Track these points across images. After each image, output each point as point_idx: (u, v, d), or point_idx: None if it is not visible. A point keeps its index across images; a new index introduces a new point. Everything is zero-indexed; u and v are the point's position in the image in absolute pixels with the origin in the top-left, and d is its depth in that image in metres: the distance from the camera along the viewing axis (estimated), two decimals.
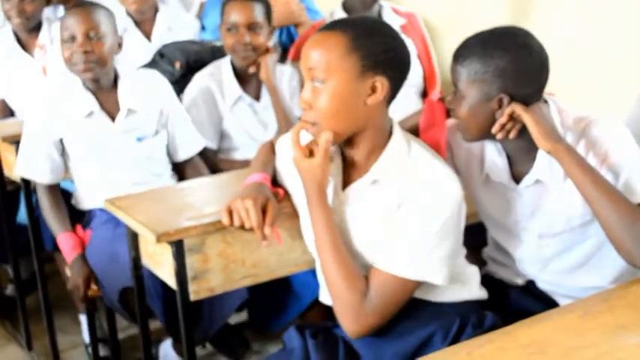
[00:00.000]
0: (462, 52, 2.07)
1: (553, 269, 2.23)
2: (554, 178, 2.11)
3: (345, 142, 2.02)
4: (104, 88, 2.88)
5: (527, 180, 2.16)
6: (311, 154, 2.02)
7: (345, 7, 3.42)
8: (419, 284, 2.00)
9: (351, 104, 1.95)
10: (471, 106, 2.07)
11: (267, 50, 3.15)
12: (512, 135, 2.07)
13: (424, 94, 3.52)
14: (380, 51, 1.95)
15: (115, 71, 2.91)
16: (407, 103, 3.14)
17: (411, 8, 3.68)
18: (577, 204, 2.09)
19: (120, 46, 2.89)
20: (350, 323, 1.98)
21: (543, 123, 2.03)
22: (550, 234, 2.19)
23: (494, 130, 2.08)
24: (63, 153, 2.93)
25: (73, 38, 2.78)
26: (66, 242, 2.89)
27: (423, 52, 3.55)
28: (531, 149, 2.11)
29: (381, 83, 1.95)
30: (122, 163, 2.90)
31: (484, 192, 2.27)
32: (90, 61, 2.77)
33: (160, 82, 3.01)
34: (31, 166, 2.93)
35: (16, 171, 3.00)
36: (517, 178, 2.19)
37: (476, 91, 2.05)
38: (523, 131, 2.08)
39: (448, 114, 2.40)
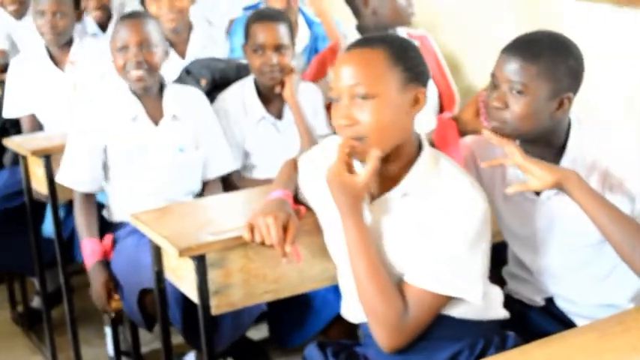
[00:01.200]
0: (530, 49, 2.07)
1: (571, 283, 2.24)
2: None
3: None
4: (151, 96, 2.97)
5: (548, 191, 2.18)
6: (348, 169, 2.02)
7: (360, 29, 3.44)
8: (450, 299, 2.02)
9: (398, 116, 1.99)
10: (534, 104, 2.07)
11: (290, 70, 3.18)
12: None
13: (441, 113, 3.55)
14: (417, 64, 2.02)
15: (160, 79, 3.00)
16: (426, 121, 3.17)
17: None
18: None
19: (167, 54, 3.00)
20: (387, 339, 1.99)
21: (538, 160, 2.06)
22: (568, 247, 2.20)
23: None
24: (104, 165, 2.99)
25: (126, 48, 2.88)
26: (88, 247, 2.95)
27: (438, 73, 3.57)
28: (553, 160, 2.13)
29: (422, 94, 2.01)
30: (162, 173, 2.95)
31: (505, 204, 2.29)
32: (142, 69, 2.88)
33: (201, 100, 3.11)
34: (73, 175, 2.99)
35: (57, 178, 3.05)
36: (537, 190, 2.20)
37: (544, 88, 2.06)
38: (543, 142, 2.10)
39: (461, 132, 2.42)
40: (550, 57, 2.06)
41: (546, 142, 2.14)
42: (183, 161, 2.99)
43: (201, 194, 3.07)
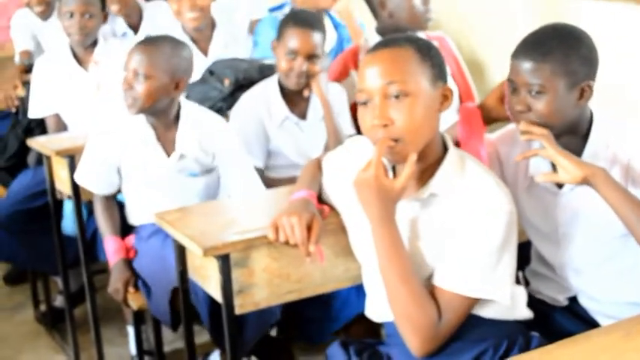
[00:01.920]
0: (539, 49, 2.08)
1: (593, 278, 2.24)
2: None
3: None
4: (164, 124, 2.93)
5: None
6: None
7: (379, 31, 3.45)
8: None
9: (430, 115, 1.99)
10: (556, 100, 2.08)
11: (319, 70, 3.19)
12: None
13: None
14: (440, 61, 2.03)
15: (178, 107, 2.94)
16: (448, 120, 3.18)
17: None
18: None
19: (178, 87, 2.86)
20: (421, 345, 1.97)
21: (569, 153, 2.06)
22: (591, 240, 2.21)
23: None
24: (119, 175, 3.01)
25: (125, 72, 2.85)
26: (111, 245, 2.98)
27: (457, 72, 3.58)
28: (577, 152, 2.13)
29: (450, 91, 2.02)
30: (173, 196, 2.94)
31: (527, 198, 2.30)
32: (128, 98, 2.83)
33: (219, 129, 3.00)
34: (89, 177, 3.02)
35: (75, 177, 3.08)
36: (560, 183, 2.21)
37: (562, 83, 2.07)
38: (568, 132, 2.11)
39: (485, 120, 2.42)
40: (561, 51, 2.07)
41: (571, 132, 2.14)
42: (195, 184, 2.98)
43: None
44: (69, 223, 3.44)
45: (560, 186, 2.22)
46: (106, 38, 3.74)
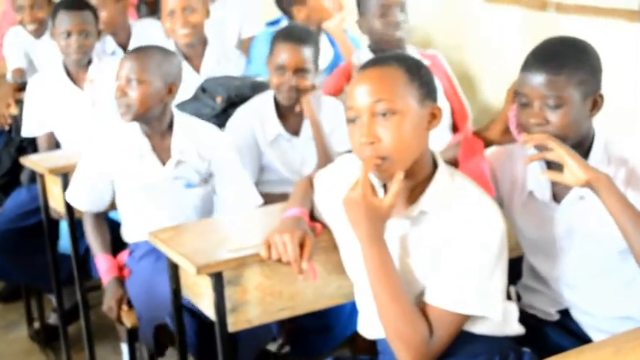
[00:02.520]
0: (553, 61, 2.09)
1: (586, 293, 2.25)
2: None
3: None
4: (159, 131, 2.94)
5: (571, 196, 2.19)
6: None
7: (372, 48, 3.48)
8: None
9: (418, 133, 2.01)
10: (572, 112, 2.09)
11: (312, 87, 3.19)
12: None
13: (453, 129, 3.57)
14: (430, 80, 2.05)
15: (171, 115, 2.97)
16: (440, 137, 3.19)
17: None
18: (616, 229, 2.08)
19: (171, 91, 2.91)
20: None
21: (577, 155, 2.07)
22: (586, 255, 2.21)
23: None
24: (112, 189, 3.02)
25: (117, 81, 2.87)
26: (103, 264, 2.99)
27: (450, 89, 3.60)
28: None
29: (438, 110, 2.03)
30: (169, 208, 2.95)
31: (524, 212, 2.31)
32: (122, 105, 2.85)
33: (213, 137, 3.03)
34: (79, 195, 3.03)
35: (65, 195, 3.09)
36: (557, 196, 2.23)
37: (576, 94, 2.09)
38: (575, 144, 2.12)
39: (486, 144, 2.43)
40: (574, 63, 2.09)
41: (578, 144, 2.14)
42: (190, 196, 2.98)
43: None
44: (66, 241, 3.44)
45: (558, 201, 2.23)
46: (100, 57, 3.75)
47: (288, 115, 3.24)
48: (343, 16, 4.05)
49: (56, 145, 3.72)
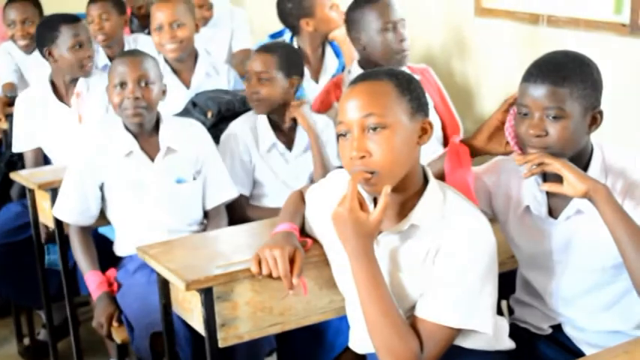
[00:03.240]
0: (557, 73, 2.09)
1: (581, 307, 2.25)
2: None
3: None
4: (146, 132, 2.99)
5: (568, 210, 2.19)
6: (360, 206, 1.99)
7: (361, 64, 3.48)
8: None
9: (408, 147, 2.00)
10: (572, 125, 2.09)
11: (301, 102, 3.21)
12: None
13: (444, 143, 3.57)
14: (421, 95, 2.04)
15: (157, 115, 3.03)
16: (431, 151, 3.18)
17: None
18: (612, 242, 2.08)
19: (164, 92, 3.03)
20: None
21: (574, 166, 2.06)
22: (582, 269, 2.21)
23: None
24: (102, 199, 3.02)
25: (123, 84, 2.91)
26: (92, 280, 2.97)
27: (441, 103, 3.59)
28: None
29: (429, 124, 2.03)
30: (160, 205, 2.97)
31: (519, 226, 2.30)
32: (139, 107, 2.90)
33: (198, 129, 3.13)
34: (63, 205, 3.03)
35: (52, 210, 3.08)
36: (554, 211, 2.22)
37: (578, 107, 2.09)
38: (573, 160, 2.11)
39: (472, 155, 2.43)
40: (577, 76, 2.09)
41: (576, 158, 2.14)
42: (181, 192, 3.01)
43: (205, 224, 3.10)
44: (53, 257, 3.43)
45: (554, 216, 2.23)
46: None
47: (281, 129, 3.25)
48: None
49: (45, 161, 3.71)
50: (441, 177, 2.30)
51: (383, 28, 3.35)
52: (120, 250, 3.09)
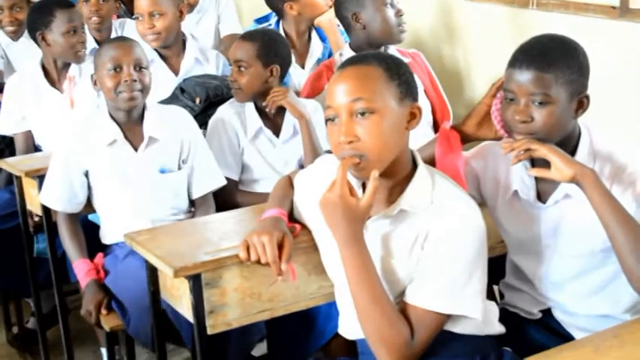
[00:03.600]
0: (542, 58, 2.08)
1: (570, 292, 2.25)
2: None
3: None
4: (131, 120, 2.98)
5: (556, 194, 2.19)
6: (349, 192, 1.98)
7: (353, 47, 3.46)
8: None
9: (397, 132, 1.99)
10: (559, 110, 2.08)
11: (283, 91, 3.18)
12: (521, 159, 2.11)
13: (434, 127, 3.56)
14: (410, 79, 2.03)
15: (143, 104, 3.02)
16: (421, 135, 3.17)
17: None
18: (601, 226, 2.08)
19: (150, 80, 3.02)
20: None
21: (561, 151, 2.05)
22: (571, 254, 2.21)
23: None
24: (89, 187, 3.01)
25: (118, 68, 2.91)
26: (80, 269, 2.96)
27: (431, 88, 3.59)
28: None
29: (418, 109, 2.02)
30: (144, 195, 2.96)
31: (508, 211, 2.30)
32: (136, 89, 2.91)
33: (184, 116, 3.12)
34: (50, 192, 3.01)
35: (40, 197, 3.06)
36: (542, 195, 2.22)
37: (564, 92, 2.08)
38: (560, 146, 2.10)
39: (463, 140, 2.42)
40: (563, 61, 2.08)
41: (564, 143, 2.13)
42: (165, 182, 3.00)
43: (192, 212, 3.08)
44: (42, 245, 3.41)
45: (543, 201, 2.22)
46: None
47: (268, 115, 3.23)
48: None
49: (34, 146, 3.69)
50: (431, 162, 2.29)
51: (383, 2, 3.34)
52: (106, 237, 3.08)
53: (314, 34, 4.06)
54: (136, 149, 2.97)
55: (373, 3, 3.37)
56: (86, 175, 3.00)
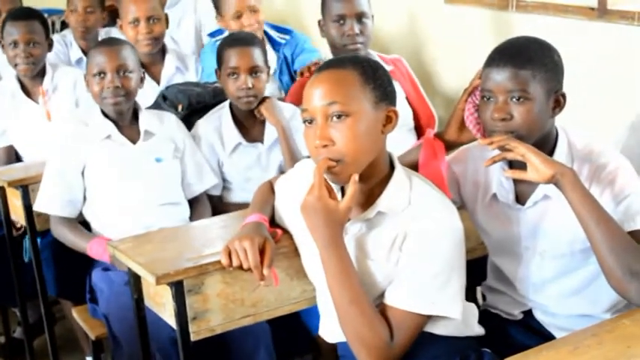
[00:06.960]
0: (519, 56, 2.10)
1: (551, 292, 2.26)
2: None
3: None
4: (125, 120, 3.03)
5: (535, 196, 2.20)
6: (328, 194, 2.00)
7: (332, 51, 3.47)
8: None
9: (372, 135, 2.00)
10: (537, 107, 2.10)
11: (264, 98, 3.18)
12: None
13: (419, 133, 3.56)
14: (386, 83, 2.04)
15: (135, 105, 3.07)
16: (403, 140, 3.18)
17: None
18: (580, 227, 2.08)
19: (142, 80, 3.07)
20: None
21: (539, 152, 2.06)
22: (551, 255, 2.22)
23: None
24: (84, 189, 3.01)
25: (102, 74, 2.93)
26: (98, 246, 2.92)
27: (414, 93, 3.58)
28: None
29: (394, 113, 2.03)
30: (136, 183, 2.98)
31: (487, 214, 2.31)
32: (119, 96, 2.94)
33: (175, 122, 3.17)
34: (49, 198, 3.00)
35: (35, 206, 3.06)
36: (521, 197, 2.23)
37: (541, 89, 2.10)
38: (537, 147, 2.11)
39: (447, 147, 2.43)
40: (539, 58, 2.10)
41: (541, 143, 2.14)
42: (160, 169, 3.03)
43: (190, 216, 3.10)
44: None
45: (522, 202, 2.23)
46: (56, 66, 3.74)
47: (248, 124, 3.22)
48: None
49: (17, 159, 3.69)
50: (414, 168, 2.30)
51: (334, 19, 3.36)
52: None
53: (266, 43, 4.00)
54: (133, 143, 3.01)
55: (327, 17, 3.40)
56: (83, 173, 2.99)
